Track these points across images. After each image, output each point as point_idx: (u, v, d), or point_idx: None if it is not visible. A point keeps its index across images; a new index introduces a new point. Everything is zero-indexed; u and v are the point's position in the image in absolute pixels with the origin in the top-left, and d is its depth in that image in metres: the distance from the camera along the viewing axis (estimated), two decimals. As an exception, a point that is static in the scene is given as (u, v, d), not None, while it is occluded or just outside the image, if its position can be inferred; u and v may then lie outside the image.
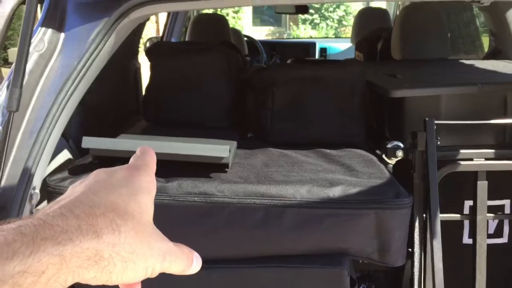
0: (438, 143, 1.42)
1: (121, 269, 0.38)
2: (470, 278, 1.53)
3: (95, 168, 0.44)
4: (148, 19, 1.87)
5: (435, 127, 1.42)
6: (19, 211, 1.18)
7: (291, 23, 14.46)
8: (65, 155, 1.63)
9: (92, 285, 0.39)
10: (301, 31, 14.00)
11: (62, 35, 1.32)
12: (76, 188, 0.42)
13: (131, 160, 0.46)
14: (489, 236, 1.57)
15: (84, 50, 1.28)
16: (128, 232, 0.39)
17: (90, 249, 0.36)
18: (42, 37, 1.31)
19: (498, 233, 1.64)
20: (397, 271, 1.53)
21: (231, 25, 3.96)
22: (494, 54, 2.42)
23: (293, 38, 11.09)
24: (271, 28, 14.87)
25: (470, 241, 1.63)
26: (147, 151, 0.47)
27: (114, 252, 0.38)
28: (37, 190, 1.24)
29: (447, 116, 1.63)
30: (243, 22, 14.20)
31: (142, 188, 0.42)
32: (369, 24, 3.48)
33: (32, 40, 1.23)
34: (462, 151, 1.47)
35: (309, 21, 14.25)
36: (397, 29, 2.41)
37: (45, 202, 1.35)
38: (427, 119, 1.42)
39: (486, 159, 1.47)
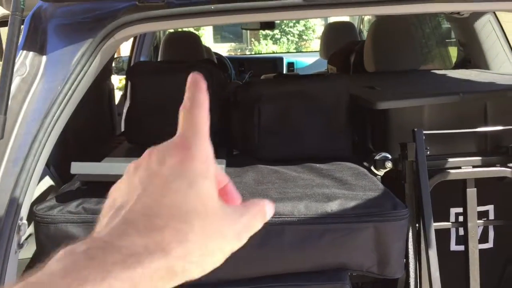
0: (428, 152, 1.44)
1: (197, 271, 0.37)
2: (460, 285, 1.54)
3: (84, 194, 0.41)
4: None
5: (423, 137, 1.44)
6: (7, 245, 1.11)
7: (253, 39, 14.58)
8: (47, 181, 1.57)
9: None
10: (263, 47, 14.12)
11: (44, 58, 1.27)
12: (132, 183, 0.38)
13: (179, 128, 0.40)
14: (475, 242, 1.59)
15: (69, 72, 1.24)
16: (196, 236, 0.36)
17: (161, 269, 0.34)
18: (24, 60, 1.26)
19: (483, 238, 1.67)
20: (388, 283, 1.53)
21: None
22: (464, 63, 2.49)
23: (257, 53, 11.16)
24: (233, 44, 14.94)
25: (457, 248, 1.65)
26: (197, 100, 0.40)
27: (187, 262, 0.36)
28: (25, 221, 1.18)
29: (430, 125, 1.65)
30: (204, 39, 14.21)
31: (198, 173, 0.37)
32: (337, 37, 3.54)
33: (14, 64, 1.18)
34: (450, 159, 1.49)
35: (270, 36, 14.40)
36: (369, 42, 2.45)
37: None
38: (415, 129, 1.44)
39: (474, 166, 1.50)
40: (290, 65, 5.00)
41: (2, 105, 1.10)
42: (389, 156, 1.55)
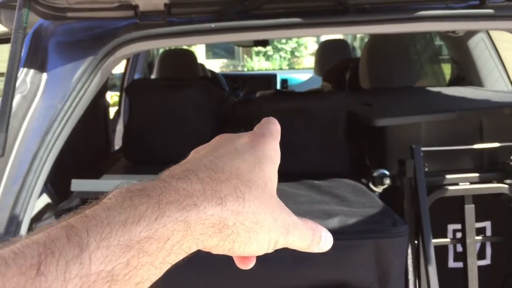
0: (426, 169, 1.45)
1: (244, 240, 0.36)
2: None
3: None
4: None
5: (422, 154, 1.45)
6: (6, 263, 1.10)
7: (245, 55, 14.64)
8: (44, 198, 1.55)
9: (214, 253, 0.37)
10: (255, 63, 14.19)
11: (45, 75, 1.28)
12: (199, 152, 0.40)
13: (255, 128, 0.43)
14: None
15: (69, 89, 1.24)
16: (252, 200, 0.36)
17: (214, 216, 0.34)
18: (25, 78, 1.26)
19: (481, 255, 1.67)
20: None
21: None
22: (458, 80, 2.52)
23: (250, 70, 11.21)
24: (225, 60, 14.99)
25: (455, 265, 1.65)
26: (271, 120, 0.44)
27: (238, 221, 0.36)
28: (24, 239, 1.17)
29: (427, 142, 1.67)
30: (196, 55, 14.23)
31: (267, 156, 0.40)
32: (331, 54, 3.58)
33: (15, 81, 1.18)
34: (448, 176, 1.50)
35: (262, 53, 14.47)
36: (365, 59, 2.47)
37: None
38: (414, 146, 1.45)
39: (471, 183, 1.51)
40: (284, 82, 5.02)
41: (3, 123, 1.10)
42: (387, 173, 1.55)
